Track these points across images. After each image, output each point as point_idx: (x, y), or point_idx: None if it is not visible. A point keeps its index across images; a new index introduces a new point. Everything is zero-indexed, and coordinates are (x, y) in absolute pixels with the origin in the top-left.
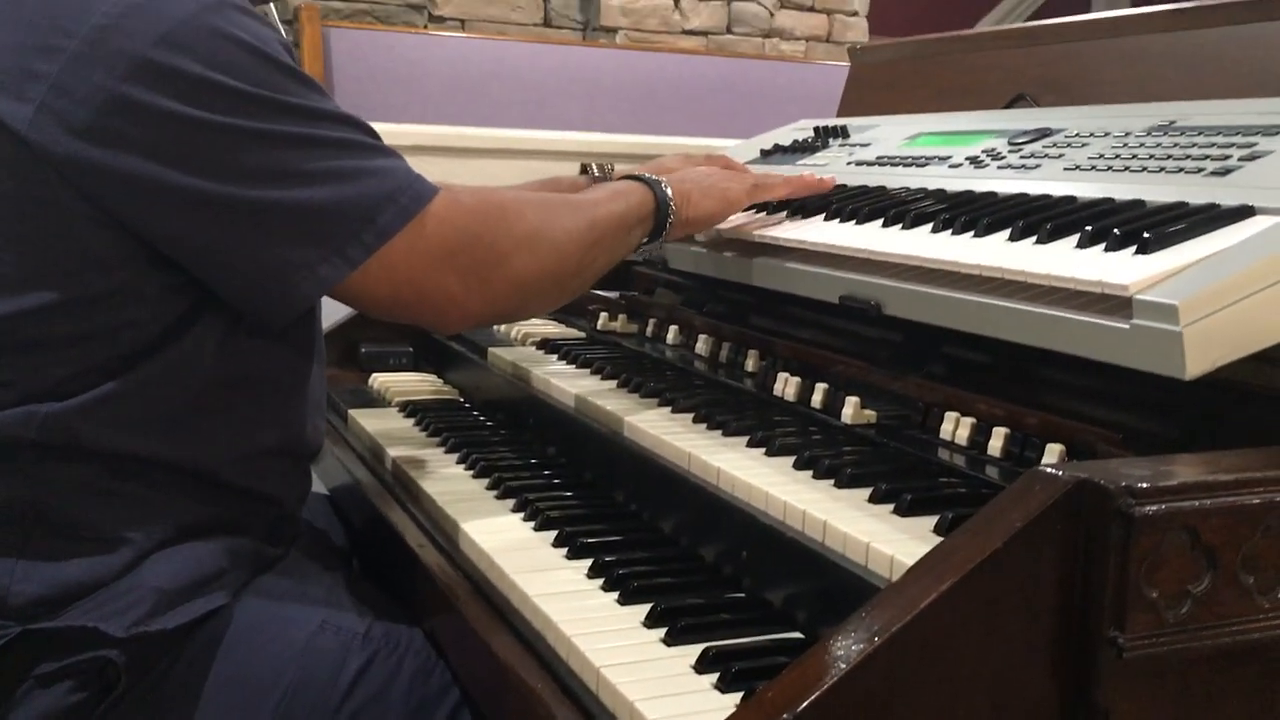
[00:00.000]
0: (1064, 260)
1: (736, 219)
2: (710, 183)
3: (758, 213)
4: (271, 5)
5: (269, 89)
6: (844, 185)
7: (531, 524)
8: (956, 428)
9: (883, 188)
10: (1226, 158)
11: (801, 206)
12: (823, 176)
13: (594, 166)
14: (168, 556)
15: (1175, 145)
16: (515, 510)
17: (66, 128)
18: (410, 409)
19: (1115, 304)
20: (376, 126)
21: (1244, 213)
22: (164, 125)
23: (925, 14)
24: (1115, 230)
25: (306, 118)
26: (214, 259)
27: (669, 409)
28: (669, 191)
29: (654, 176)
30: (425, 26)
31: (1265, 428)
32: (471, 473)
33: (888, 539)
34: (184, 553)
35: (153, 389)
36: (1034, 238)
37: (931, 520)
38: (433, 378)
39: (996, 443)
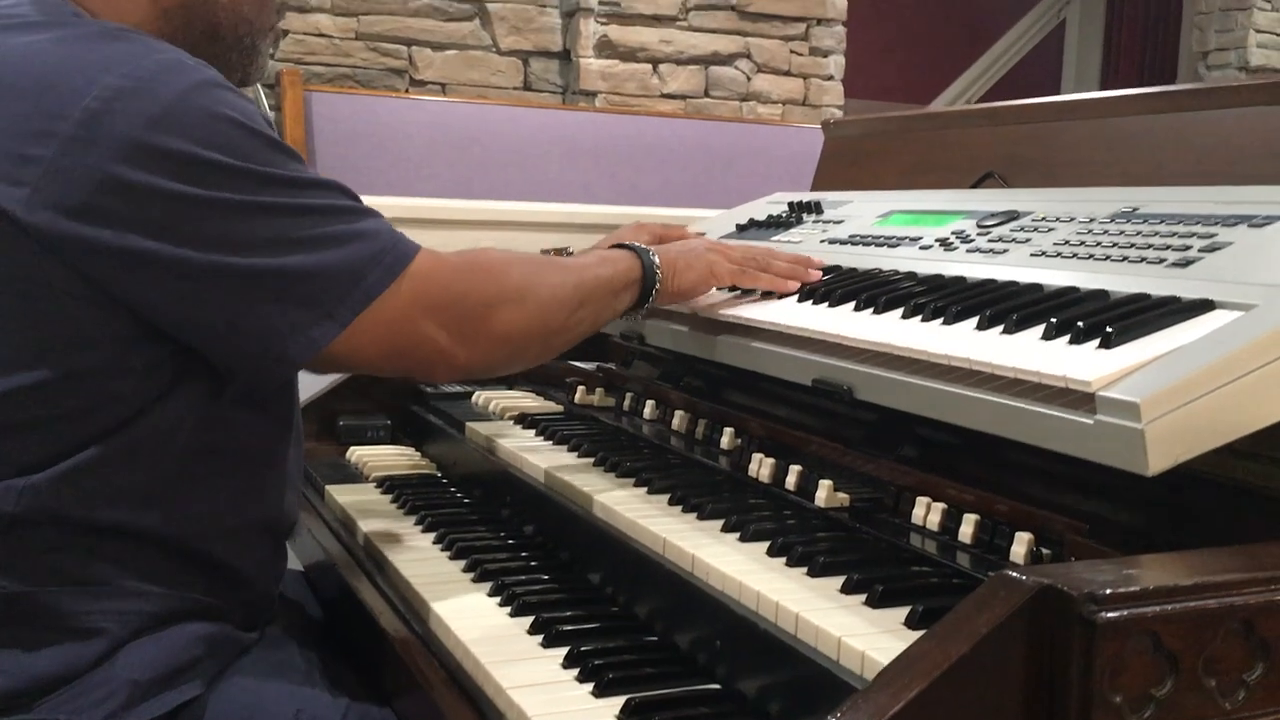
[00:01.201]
0: (1030, 352)
1: (713, 296)
2: (697, 255)
3: (733, 290)
4: (261, 91)
5: (256, 162)
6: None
7: (507, 609)
8: (928, 513)
9: (855, 269)
10: (1187, 248)
11: None
12: (810, 260)
13: (551, 253)
14: (142, 646)
15: (1138, 233)
16: (491, 594)
17: (61, 209)
18: (387, 485)
19: (1080, 397)
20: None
21: (1204, 306)
22: (156, 202)
23: (897, 78)
24: (1079, 323)
25: (292, 187)
26: (208, 328)
27: (645, 489)
28: (656, 260)
29: (643, 246)
30: (407, 90)
31: (1228, 517)
32: (448, 554)
33: (859, 633)
34: (159, 641)
35: (132, 460)
36: (1001, 327)
37: (903, 612)
38: (411, 451)
39: (967, 529)
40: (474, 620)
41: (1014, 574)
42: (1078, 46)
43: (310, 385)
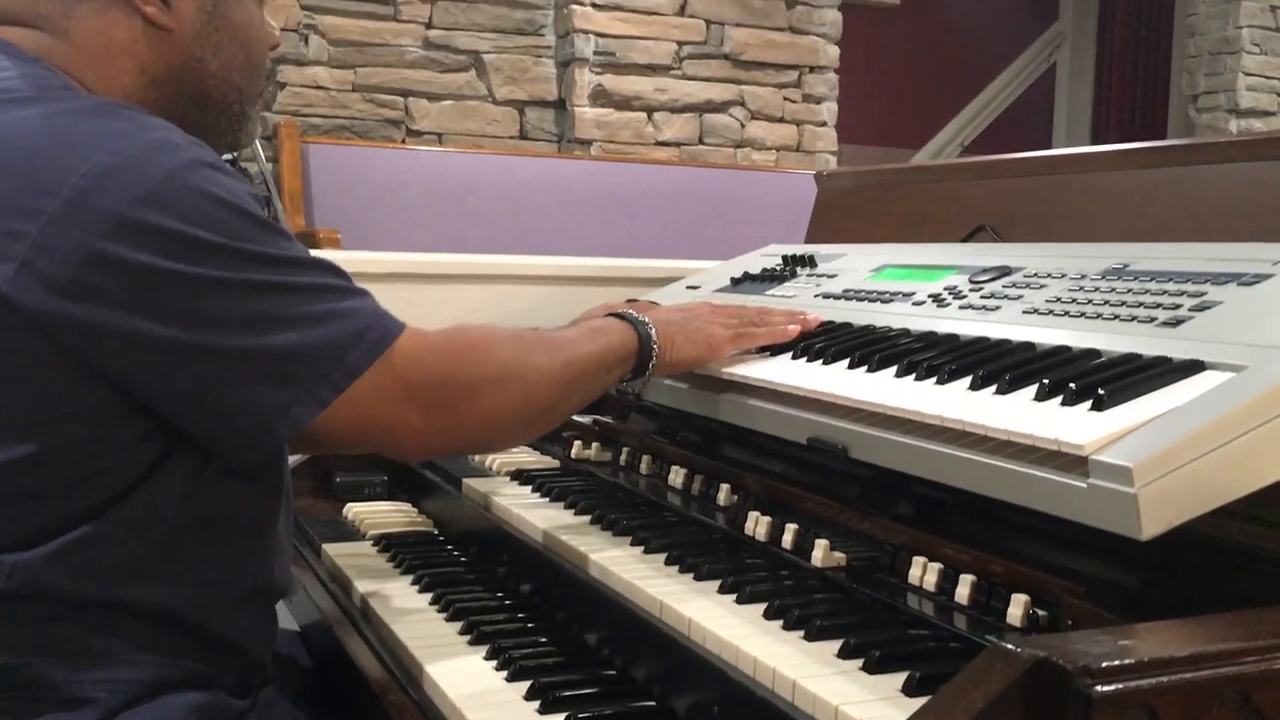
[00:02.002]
0: (1023, 414)
1: None
2: (695, 326)
3: None
4: (257, 143)
5: (242, 240)
6: None
7: (504, 673)
8: (924, 573)
9: (849, 324)
10: (1177, 307)
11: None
12: (805, 315)
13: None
14: (134, 715)
15: (1129, 290)
16: (488, 657)
17: (47, 285)
18: (384, 543)
19: (1073, 460)
20: (352, 253)
21: (1195, 367)
22: (142, 279)
23: (891, 123)
24: (1072, 384)
25: (278, 265)
26: (191, 405)
27: (642, 549)
28: (653, 333)
29: (638, 316)
30: (403, 140)
31: (1225, 579)
32: (445, 614)
33: (856, 700)
34: (152, 711)
35: (122, 534)
36: (994, 387)
37: (900, 678)
38: (407, 507)
39: (964, 590)
40: (469, 684)
41: (1009, 646)
42: (1069, 90)
43: None
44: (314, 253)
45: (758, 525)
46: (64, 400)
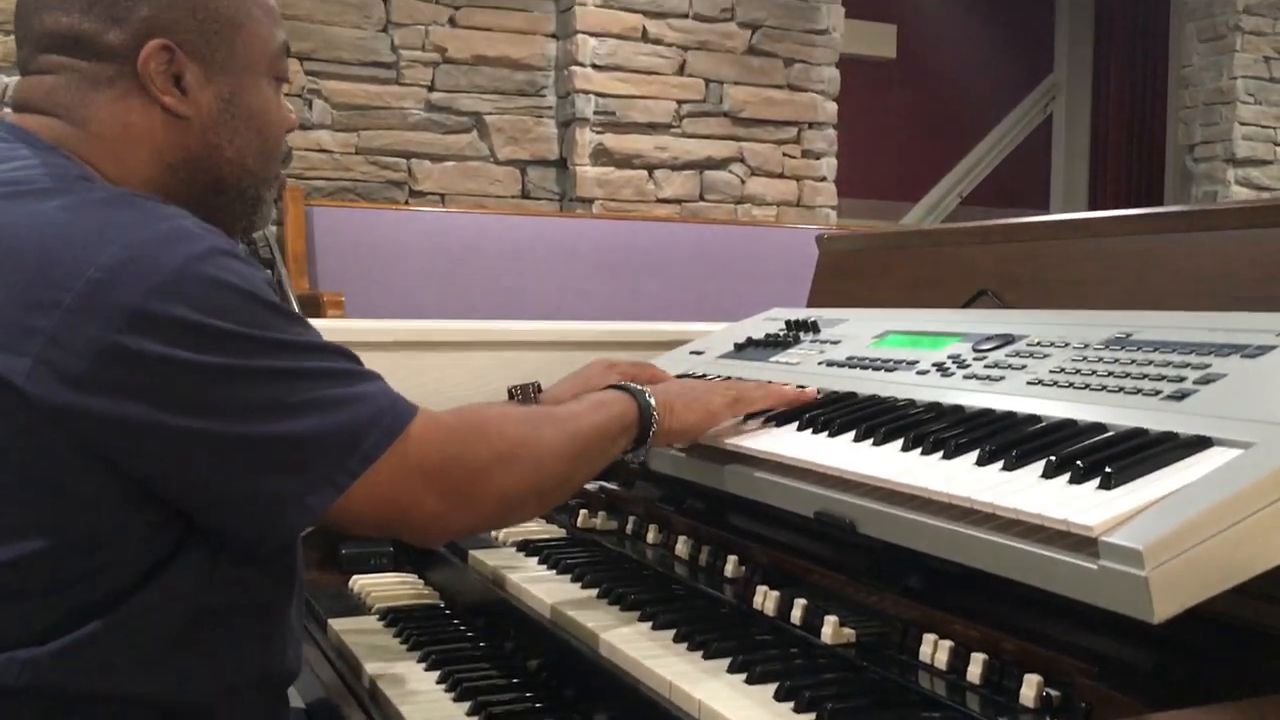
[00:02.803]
0: (1030, 492)
1: None
2: (694, 395)
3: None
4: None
5: (257, 328)
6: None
7: None
8: (935, 650)
9: (853, 394)
10: (1182, 379)
11: (775, 413)
12: (803, 388)
13: (517, 390)
14: None
15: (1133, 361)
16: None
17: (63, 379)
18: (390, 617)
19: (1081, 540)
20: (356, 321)
21: (1202, 444)
22: (158, 370)
23: (890, 176)
24: (1079, 461)
25: (292, 351)
26: (205, 494)
27: (650, 624)
28: (652, 402)
29: (638, 386)
30: (406, 201)
31: (1238, 659)
32: (453, 695)
33: None
34: None
35: (135, 627)
36: (1001, 463)
37: None
38: (414, 579)
39: (975, 669)
40: None
41: None
42: (1065, 141)
43: None
44: (321, 326)
45: (766, 599)
46: (79, 494)
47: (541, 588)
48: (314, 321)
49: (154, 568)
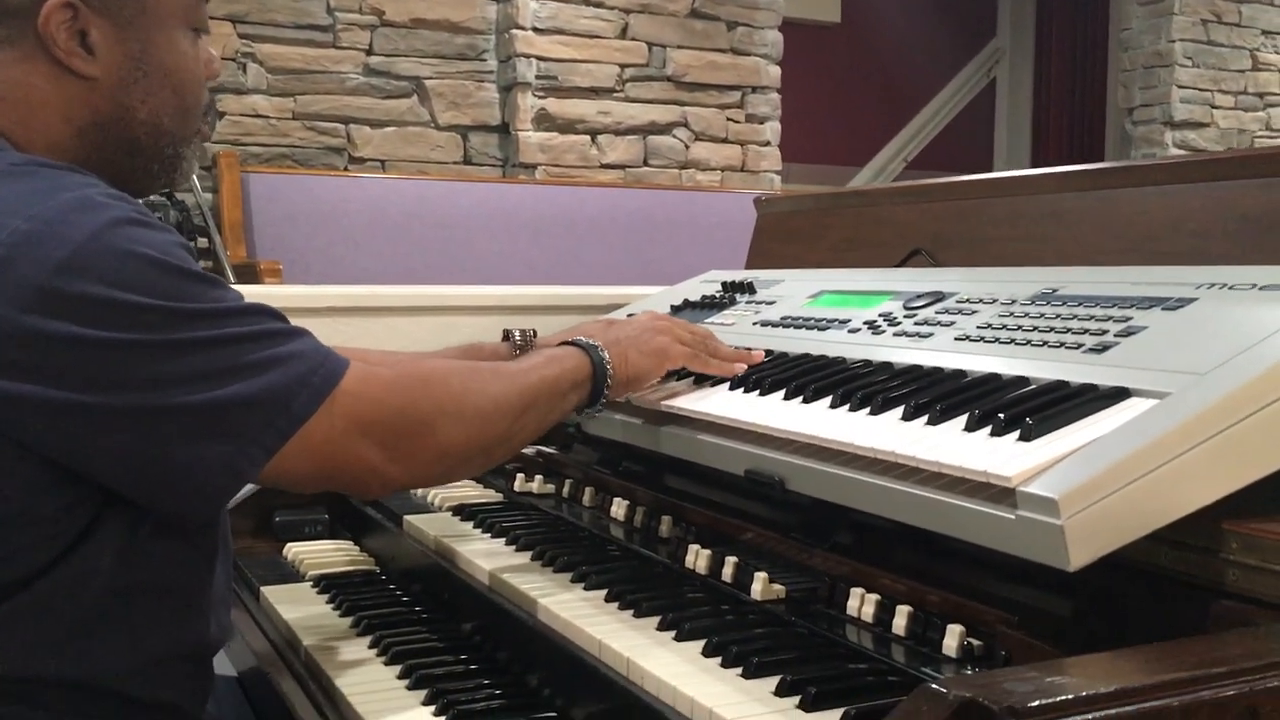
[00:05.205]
0: (953, 445)
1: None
2: (645, 340)
3: (667, 378)
4: (194, 175)
5: (172, 299)
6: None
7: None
8: (862, 604)
9: (785, 354)
10: (1104, 333)
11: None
12: (750, 350)
13: (516, 333)
14: None
15: (1058, 316)
16: (427, 703)
17: None
18: (324, 584)
19: (1001, 491)
20: (292, 287)
21: (1120, 395)
22: (70, 351)
23: (834, 141)
24: (1000, 414)
25: (211, 319)
26: (132, 470)
27: (582, 585)
28: (605, 355)
29: (590, 340)
30: (346, 168)
31: (1156, 605)
32: (384, 659)
33: None
34: None
35: (49, 607)
36: (925, 417)
37: (835, 715)
38: (349, 545)
39: (900, 620)
40: None
41: (937, 687)
42: (1009, 104)
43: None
44: (247, 290)
45: (698, 558)
46: None
47: (476, 554)
48: (252, 288)
49: (67, 548)
